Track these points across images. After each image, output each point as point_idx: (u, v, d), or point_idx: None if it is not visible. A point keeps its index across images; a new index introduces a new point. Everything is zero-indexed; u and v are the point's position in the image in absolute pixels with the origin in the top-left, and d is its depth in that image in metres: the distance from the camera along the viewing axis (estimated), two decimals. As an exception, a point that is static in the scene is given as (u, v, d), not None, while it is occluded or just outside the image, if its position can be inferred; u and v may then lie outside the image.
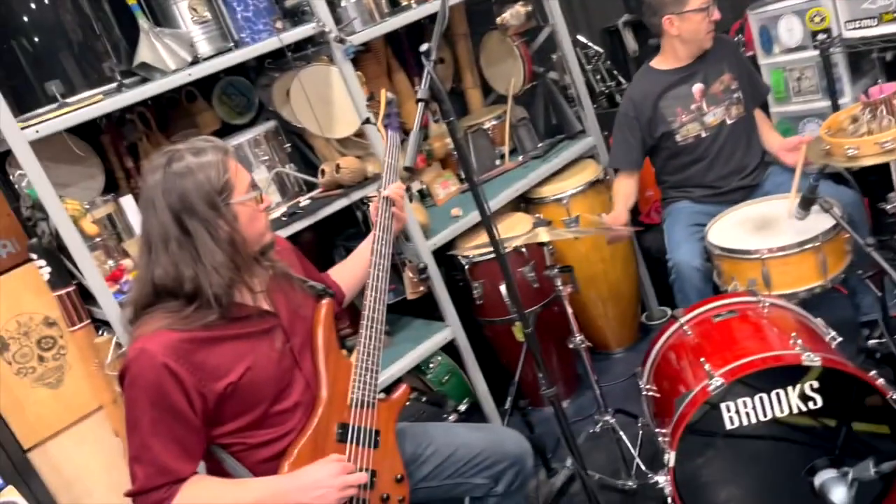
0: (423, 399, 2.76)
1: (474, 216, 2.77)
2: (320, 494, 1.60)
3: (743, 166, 2.83)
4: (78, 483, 2.32)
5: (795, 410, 1.92)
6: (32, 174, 1.96)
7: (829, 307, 2.83)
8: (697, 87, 2.79)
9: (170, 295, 1.57)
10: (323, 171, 2.56)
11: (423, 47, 1.61)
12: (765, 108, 3.16)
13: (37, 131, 1.97)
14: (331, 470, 1.63)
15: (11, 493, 2.14)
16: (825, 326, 2.13)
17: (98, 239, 2.20)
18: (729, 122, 2.81)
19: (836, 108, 2.97)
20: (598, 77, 3.68)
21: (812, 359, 1.85)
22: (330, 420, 1.70)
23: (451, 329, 2.74)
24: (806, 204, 2.24)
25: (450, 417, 2.67)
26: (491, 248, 1.78)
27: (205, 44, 2.37)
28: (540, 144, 3.26)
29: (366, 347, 1.75)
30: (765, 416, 1.92)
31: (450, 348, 2.82)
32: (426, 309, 2.85)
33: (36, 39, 2.15)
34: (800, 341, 1.91)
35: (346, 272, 2.04)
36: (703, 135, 2.81)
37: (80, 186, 2.39)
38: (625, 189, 2.91)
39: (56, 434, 2.29)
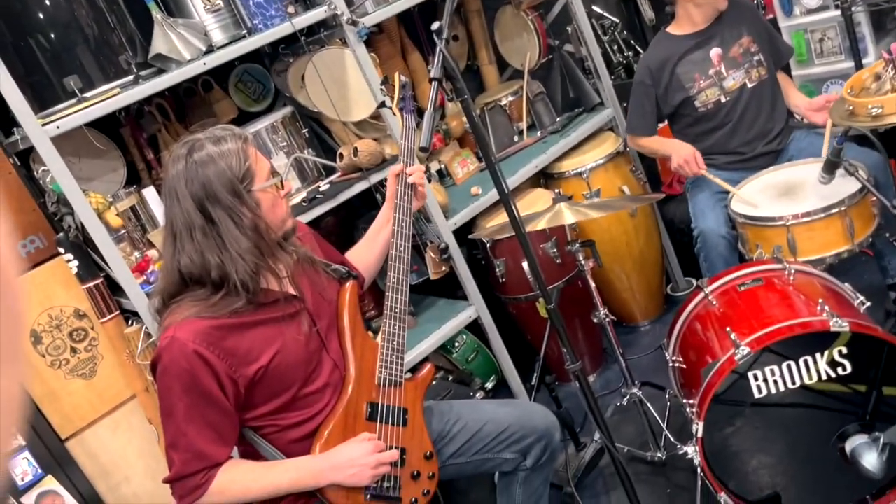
0: (450, 378, 2.78)
1: (494, 194, 2.76)
2: (354, 473, 1.63)
3: (767, 130, 2.78)
4: (115, 470, 2.37)
5: (824, 377, 1.90)
6: (55, 169, 1.99)
7: (857, 272, 2.80)
8: (715, 52, 2.74)
9: (197, 283, 1.59)
10: (341, 155, 2.57)
11: (435, 26, 1.60)
12: (786, 70, 3.11)
13: (58, 127, 1.99)
14: (363, 449, 1.66)
15: (51, 482, 2.20)
16: (853, 291, 2.11)
17: (123, 231, 2.23)
18: (750, 85, 2.75)
19: (859, 68, 2.91)
20: (615, 48, 3.63)
21: (840, 324, 1.83)
22: (359, 399, 1.72)
23: (475, 307, 2.75)
24: (830, 167, 2.21)
25: (477, 395, 2.68)
26: (511, 228, 1.77)
27: (218, 32, 2.37)
28: (558, 119, 3.23)
29: (390, 328, 1.77)
30: (793, 383, 1.91)
31: (474, 327, 2.83)
32: (449, 288, 2.86)
33: (52, 36, 2.16)
34: (827, 307, 1.89)
35: (361, 254, 2.04)
36: (723, 100, 2.76)
37: (102, 180, 2.42)
38: (655, 137, 2.90)
39: (92, 423, 2.34)
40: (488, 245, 2.86)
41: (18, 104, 1.94)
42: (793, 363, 1.90)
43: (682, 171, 2.74)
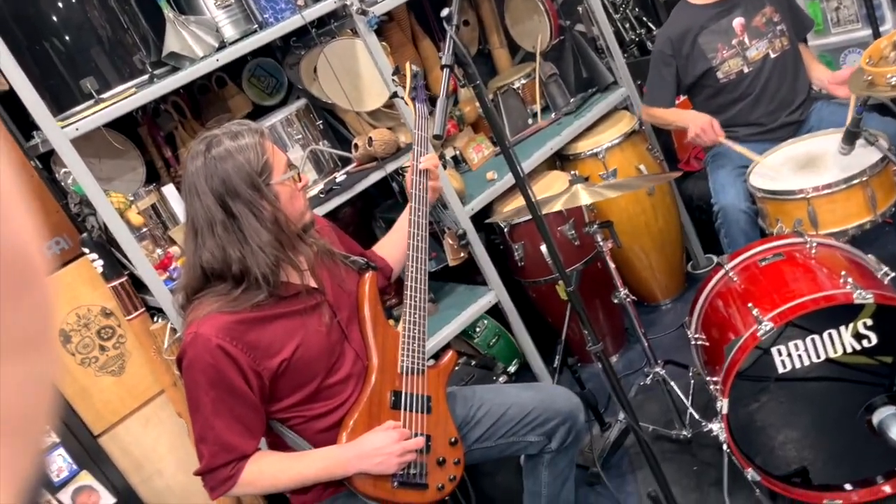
0: (473, 363, 2.79)
1: (510, 178, 2.76)
2: (380, 461, 1.65)
3: (789, 101, 2.73)
4: (147, 464, 2.41)
5: (850, 349, 1.89)
6: (76, 171, 2.02)
7: (880, 242, 2.77)
8: (738, 21, 2.70)
9: (218, 278, 1.61)
10: (356, 146, 2.57)
11: (444, 12, 1.59)
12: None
13: (77, 129, 2.02)
14: (389, 437, 1.67)
15: (86, 477, 2.25)
16: (877, 262, 2.08)
17: (144, 229, 2.26)
18: (773, 55, 2.71)
19: (877, 36, 2.86)
20: (627, 25, 3.60)
21: (864, 296, 1.81)
22: (383, 388, 1.74)
23: (495, 292, 2.75)
24: (850, 138, 2.18)
25: (499, 379, 2.69)
26: (528, 212, 1.77)
27: (230, 28, 2.38)
28: (572, 100, 3.21)
29: (411, 317, 1.78)
30: (818, 357, 1.90)
31: (495, 311, 2.83)
32: (469, 274, 2.87)
33: (67, 38, 2.19)
34: (850, 279, 1.87)
35: (390, 246, 2.06)
36: (746, 70, 2.72)
37: (122, 179, 2.45)
38: (672, 108, 2.85)
39: (123, 419, 2.38)
40: (506, 229, 2.86)
41: (37, 108, 1.97)
42: (817, 337, 1.89)
43: (699, 142, 2.69)
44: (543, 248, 2.74)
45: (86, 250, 2.23)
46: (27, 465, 0.31)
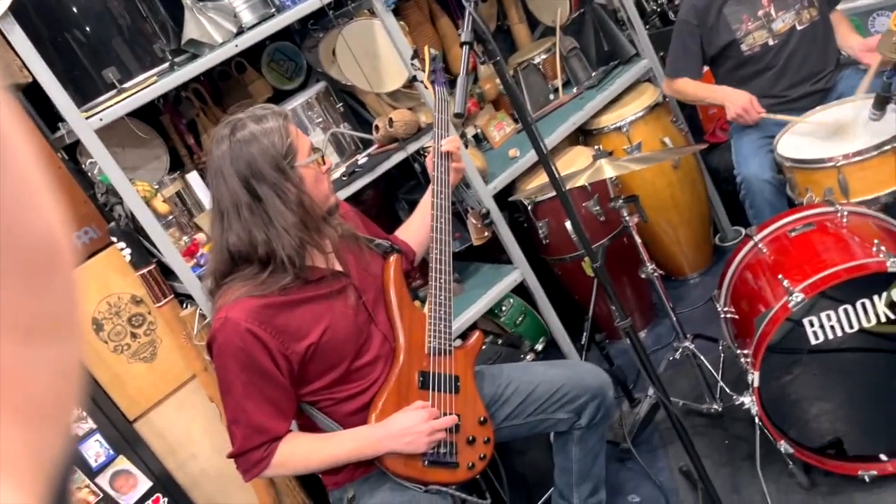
0: (499, 342, 2.78)
1: (533, 156, 2.74)
2: (410, 440, 1.66)
3: (816, 73, 2.67)
4: (181, 448, 2.45)
5: (883, 319, 1.85)
6: (102, 161, 2.03)
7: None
8: None
9: (245, 261, 1.62)
10: (377, 127, 2.57)
11: (463, -12, 1.57)
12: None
13: (101, 119, 2.03)
14: (418, 416, 1.68)
15: (123, 462, 2.30)
16: (911, 230, 2.04)
17: (170, 217, 2.28)
18: (799, 27, 2.64)
19: (908, -4, 2.78)
20: (648, -4, 3.53)
21: (898, 265, 1.78)
22: (411, 369, 1.75)
23: (520, 271, 2.74)
24: (881, 103, 2.13)
25: (527, 357, 2.69)
26: (552, 188, 1.76)
27: (247, 13, 2.37)
28: (594, 73, 3.17)
29: (437, 298, 1.78)
30: (851, 328, 1.87)
31: (521, 289, 2.82)
32: (493, 253, 2.86)
33: (87, 29, 2.20)
34: (884, 248, 1.84)
35: (413, 229, 2.06)
36: (771, 43, 2.65)
37: (147, 168, 2.47)
38: (704, 84, 2.79)
39: (156, 405, 2.41)
40: (529, 207, 2.84)
41: (61, 99, 1.98)
42: (850, 307, 1.86)
43: (741, 122, 2.65)
44: (568, 224, 2.73)
45: (114, 239, 2.25)
46: (54, 451, 0.31)
